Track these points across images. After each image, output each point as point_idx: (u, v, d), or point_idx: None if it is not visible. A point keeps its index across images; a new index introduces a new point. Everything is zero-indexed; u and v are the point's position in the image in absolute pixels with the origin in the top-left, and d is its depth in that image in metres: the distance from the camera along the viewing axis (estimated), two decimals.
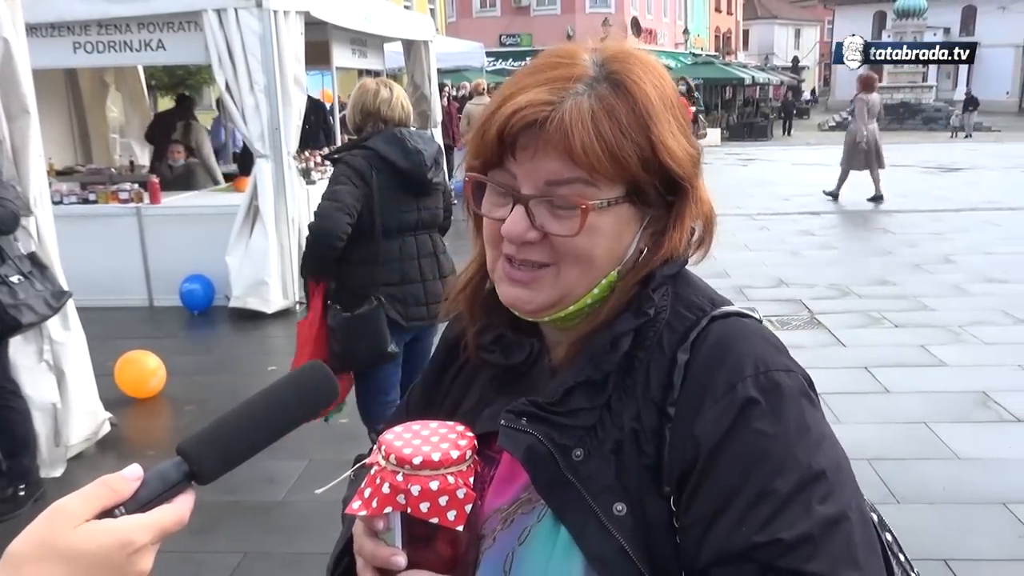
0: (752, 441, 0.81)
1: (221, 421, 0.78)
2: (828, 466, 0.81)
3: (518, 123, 0.85)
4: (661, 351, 0.88)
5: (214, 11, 6.61)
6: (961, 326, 6.46)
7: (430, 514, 0.80)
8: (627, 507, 0.83)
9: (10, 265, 3.77)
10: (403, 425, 0.87)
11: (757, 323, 0.92)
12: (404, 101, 3.44)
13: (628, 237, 0.90)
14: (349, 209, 3.25)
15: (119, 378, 5.27)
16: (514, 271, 0.90)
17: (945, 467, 4.15)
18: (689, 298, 0.92)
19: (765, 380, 0.83)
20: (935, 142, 28.13)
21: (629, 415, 0.86)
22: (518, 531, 0.89)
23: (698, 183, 0.92)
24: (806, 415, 0.83)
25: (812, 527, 0.77)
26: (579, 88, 0.86)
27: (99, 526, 0.67)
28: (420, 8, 24.21)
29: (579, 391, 0.88)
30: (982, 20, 47.57)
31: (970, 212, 12.32)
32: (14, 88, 3.92)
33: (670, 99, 0.90)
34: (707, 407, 0.83)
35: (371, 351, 3.34)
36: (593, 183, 0.85)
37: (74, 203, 7.46)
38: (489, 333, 0.99)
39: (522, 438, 0.87)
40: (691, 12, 45.73)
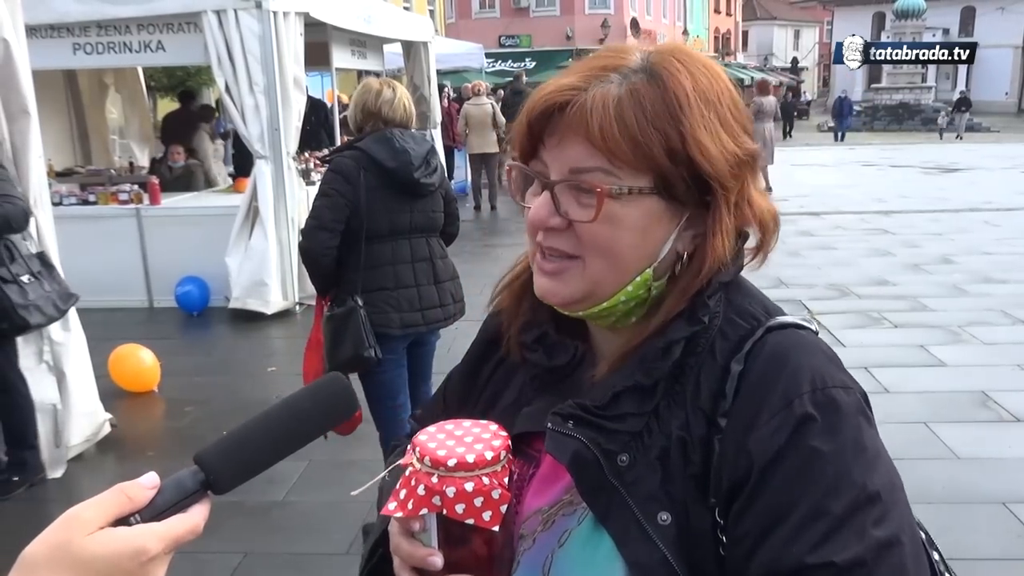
0: (807, 458, 0.79)
1: (239, 432, 0.78)
2: (883, 487, 0.79)
3: (540, 107, 0.86)
4: (713, 359, 0.86)
5: (214, 12, 6.62)
6: (960, 326, 6.47)
7: (465, 515, 0.80)
8: (672, 516, 0.82)
9: (20, 264, 3.79)
10: (436, 425, 0.87)
11: (814, 335, 0.89)
12: (407, 102, 3.42)
13: (659, 234, 0.88)
14: (329, 225, 3.27)
15: (114, 372, 5.29)
16: (545, 262, 0.90)
17: (944, 467, 4.16)
18: (743, 306, 0.90)
19: (822, 396, 0.81)
20: (934, 143, 28.16)
21: (677, 423, 0.85)
22: (558, 533, 0.89)
23: (745, 187, 0.89)
24: (863, 433, 0.82)
25: (865, 551, 0.75)
26: (613, 77, 0.85)
27: (113, 534, 0.67)
28: (419, 9, 24.21)
29: (628, 396, 0.87)
30: (981, 21, 47.58)
31: (969, 212, 12.34)
32: (14, 89, 3.92)
33: (719, 95, 0.87)
34: (763, 421, 0.81)
35: (350, 354, 3.32)
36: (614, 171, 0.84)
37: (74, 204, 7.46)
38: (532, 331, 0.98)
39: (569, 443, 0.86)
40: (690, 13, 45.75)
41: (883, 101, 37.94)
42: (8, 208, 3.63)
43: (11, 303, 3.66)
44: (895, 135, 32.62)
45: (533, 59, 31.33)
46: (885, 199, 13.98)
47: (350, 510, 3.67)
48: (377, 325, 3.33)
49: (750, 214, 0.91)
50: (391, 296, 3.37)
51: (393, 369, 3.45)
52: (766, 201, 0.92)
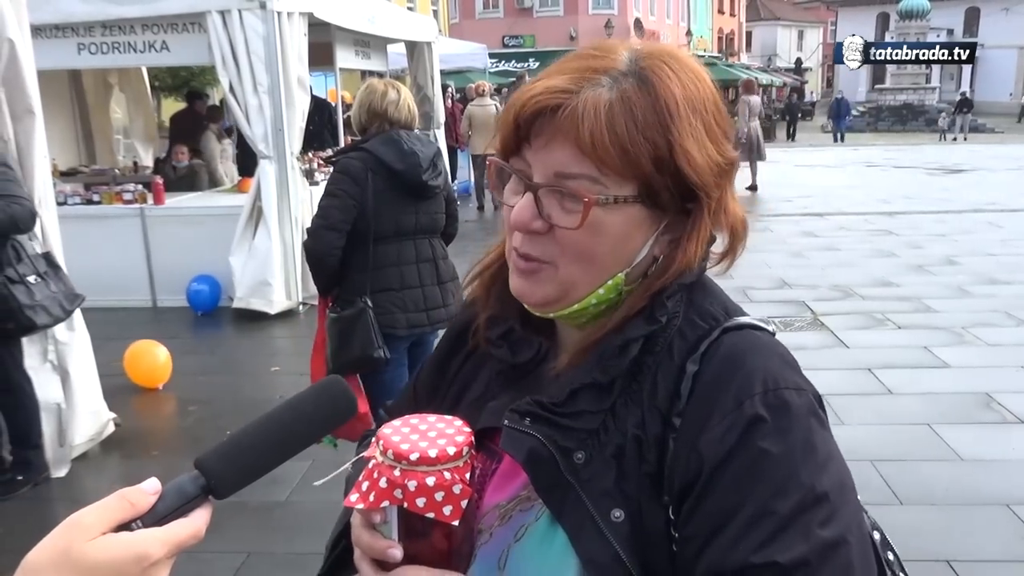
0: (756, 459, 0.79)
1: (239, 436, 0.78)
2: (831, 488, 0.79)
3: (530, 109, 0.85)
4: (670, 359, 0.87)
5: (218, 12, 6.63)
6: (964, 327, 6.46)
7: (426, 509, 0.81)
8: (625, 513, 0.83)
9: (27, 264, 3.81)
10: (401, 419, 0.88)
11: (770, 336, 0.90)
12: (411, 103, 3.43)
13: (639, 240, 0.88)
14: (337, 225, 3.27)
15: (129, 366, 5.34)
16: (520, 262, 0.90)
17: (948, 468, 4.15)
18: (703, 306, 0.90)
19: (774, 398, 0.82)
20: (937, 144, 28.11)
21: (633, 421, 0.86)
22: (515, 528, 0.89)
23: (724, 194, 0.90)
24: (813, 435, 0.82)
25: (810, 551, 0.76)
26: (603, 80, 0.85)
27: (115, 539, 0.67)
28: (423, 9, 24.22)
29: (585, 393, 0.87)
30: (985, 22, 47.50)
31: (973, 214, 12.32)
32: (19, 89, 3.93)
33: (704, 103, 0.87)
34: (714, 422, 0.82)
35: (359, 354, 3.33)
36: (601, 179, 0.84)
37: (78, 204, 7.48)
38: (499, 326, 0.99)
39: (524, 440, 0.86)
40: (694, 13, 45.72)
41: (887, 102, 37.88)
42: (15, 209, 3.64)
43: (18, 303, 3.68)
44: (899, 136, 32.55)
45: (537, 59, 31.31)
46: (889, 200, 13.96)
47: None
48: (383, 326, 3.34)
49: (724, 220, 0.91)
50: (397, 297, 3.38)
51: (395, 369, 3.46)
52: (739, 207, 0.93)
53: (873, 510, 2.77)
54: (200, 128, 9.97)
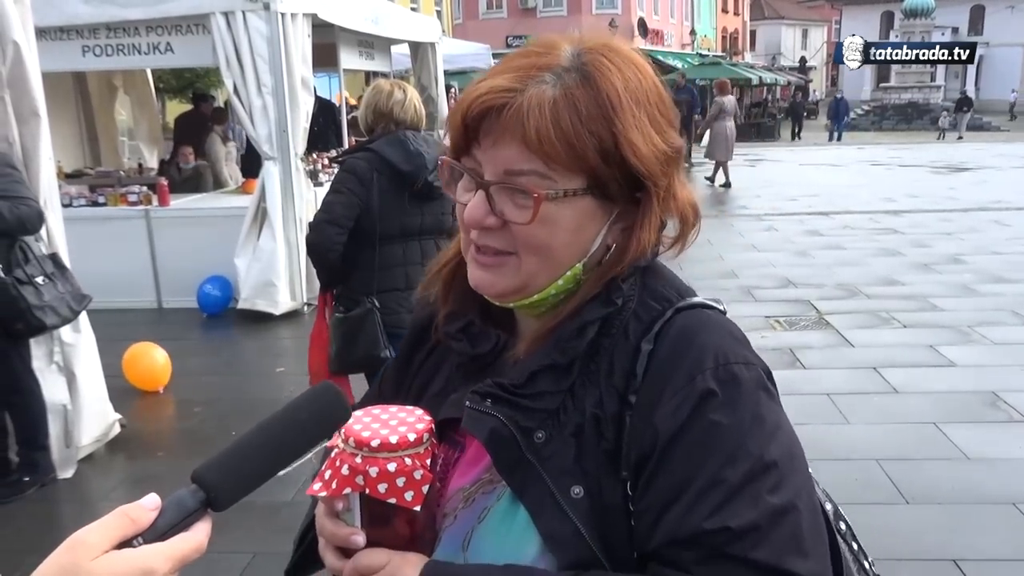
0: (707, 431, 0.83)
1: (235, 448, 0.78)
2: (780, 457, 0.83)
3: (476, 109, 0.87)
4: (626, 339, 0.90)
5: (222, 14, 6.63)
6: (970, 326, 6.44)
7: (388, 495, 0.82)
8: (584, 489, 0.86)
9: (34, 265, 3.83)
10: (364, 410, 0.90)
11: (720, 315, 0.93)
12: (417, 104, 3.43)
13: (592, 231, 0.91)
14: (340, 220, 3.28)
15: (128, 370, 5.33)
16: (480, 256, 0.92)
17: (954, 467, 4.14)
18: (657, 289, 0.94)
19: (724, 372, 0.85)
20: (943, 142, 28.04)
21: (591, 400, 0.88)
22: (478, 510, 0.91)
23: (672, 181, 0.93)
24: (762, 407, 0.85)
25: (759, 516, 0.79)
26: (546, 77, 0.87)
27: (120, 556, 0.67)
28: (426, 10, 24.23)
29: (544, 375, 0.90)
30: (990, 20, 47.38)
31: (979, 212, 12.28)
32: (24, 91, 3.94)
33: (647, 94, 0.89)
34: (667, 397, 0.85)
35: (364, 354, 3.33)
36: (549, 173, 0.86)
37: (83, 206, 7.48)
38: (458, 321, 1.00)
39: (486, 420, 0.89)
40: (698, 13, 45.68)
41: (892, 100, 37.81)
42: (23, 210, 3.66)
43: (27, 304, 3.69)
44: (904, 134, 32.48)
45: None
46: (894, 198, 13.92)
47: None
48: (389, 325, 3.34)
49: (674, 206, 0.94)
50: (403, 297, 3.38)
51: None
52: (688, 193, 0.96)
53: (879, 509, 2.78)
54: (205, 130, 9.98)
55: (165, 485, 0.75)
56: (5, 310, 3.68)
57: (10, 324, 3.72)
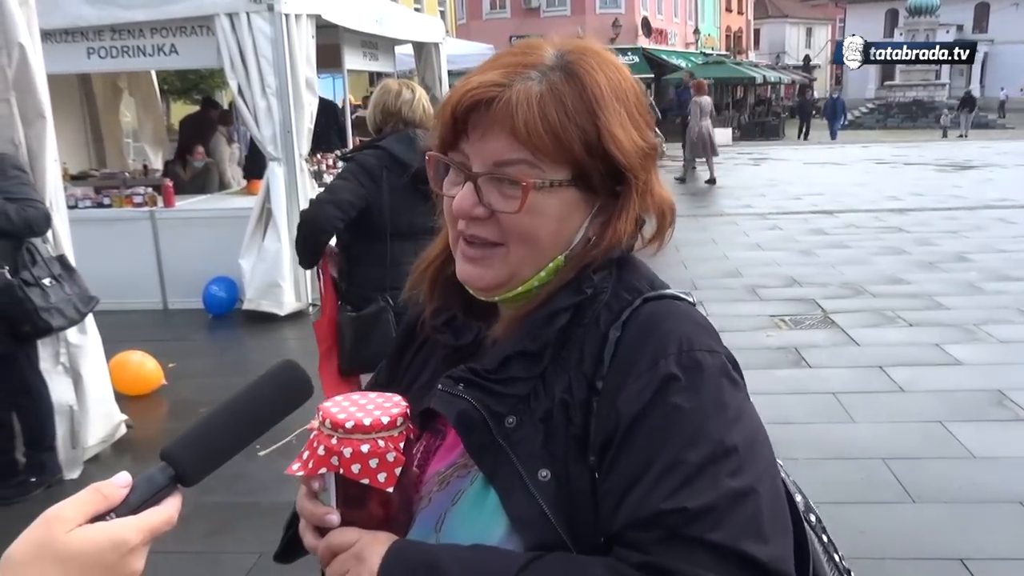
0: (668, 415, 0.85)
1: (200, 424, 0.81)
2: (741, 442, 0.84)
3: (466, 102, 0.90)
4: (597, 328, 0.93)
5: (226, 15, 6.65)
6: (976, 324, 6.42)
7: (361, 475, 0.85)
8: (551, 473, 0.87)
9: (41, 267, 3.84)
10: (345, 395, 0.93)
11: (688, 305, 0.96)
12: (426, 103, 3.42)
13: (575, 222, 0.95)
14: (342, 204, 3.25)
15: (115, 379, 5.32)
16: (469, 249, 0.96)
17: (961, 466, 4.13)
18: (630, 281, 0.96)
19: (687, 358, 0.87)
20: (947, 140, 27.97)
21: (561, 386, 0.91)
22: (453, 493, 0.94)
23: (648, 177, 0.96)
24: (724, 393, 0.87)
25: (718, 498, 0.80)
26: (532, 74, 0.91)
27: (93, 528, 0.71)
28: (430, 10, 24.25)
29: (516, 361, 0.93)
30: (995, 17, 47.28)
31: (984, 210, 12.25)
32: (30, 93, 3.95)
33: (626, 93, 0.94)
34: (631, 381, 0.87)
35: (377, 353, 3.32)
36: (537, 164, 0.90)
37: (88, 207, 7.51)
38: (442, 315, 1.04)
39: (456, 402, 0.92)
40: (702, 12, 45.62)
41: (896, 98, 37.77)
42: (30, 212, 3.67)
43: (34, 306, 3.70)
44: (909, 132, 32.40)
45: None
46: (899, 197, 13.90)
47: None
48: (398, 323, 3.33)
49: (651, 203, 0.98)
50: None
51: None
52: (664, 191, 1.00)
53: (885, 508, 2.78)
54: (209, 131, 10.01)
55: None
56: (12, 312, 3.69)
57: (17, 326, 3.73)
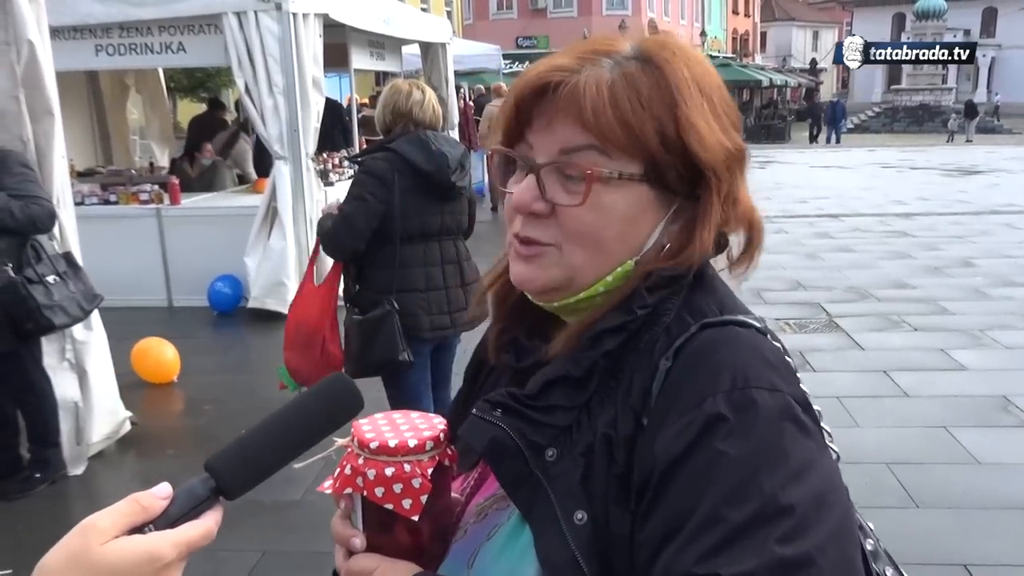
0: (711, 461, 0.72)
1: (247, 437, 0.79)
2: (801, 501, 0.70)
3: (531, 86, 0.84)
4: (650, 356, 0.81)
5: (234, 14, 6.66)
6: (981, 330, 6.41)
7: (384, 500, 0.81)
8: (587, 515, 0.78)
9: (46, 264, 3.85)
10: (385, 413, 0.89)
11: (754, 333, 0.82)
12: (435, 104, 3.40)
13: (646, 225, 0.85)
14: (360, 233, 3.28)
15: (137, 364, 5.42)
16: (522, 247, 0.87)
17: (965, 471, 4.12)
18: (698, 304, 0.84)
19: (740, 396, 0.74)
20: (952, 144, 27.90)
21: (605, 419, 0.81)
22: (489, 527, 0.87)
23: (734, 184, 0.86)
24: (785, 439, 0.73)
25: (759, 567, 0.67)
26: (604, 61, 0.83)
27: (128, 541, 0.69)
28: (437, 10, 24.27)
29: (558, 387, 0.83)
30: (1003, 21, 47.16)
31: (990, 215, 12.23)
32: (38, 90, 3.97)
33: (711, 88, 0.85)
34: (671, 420, 0.76)
35: (383, 357, 3.31)
36: (605, 152, 0.81)
37: (95, 204, 7.53)
38: (508, 335, 0.97)
39: (488, 430, 0.83)
40: (708, 14, 45.61)
41: (903, 102, 37.67)
42: (34, 209, 3.69)
43: (36, 303, 3.71)
44: (915, 136, 32.32)
45: None
46: (905, 201, 13.88)
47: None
48: (408, 328, 3.31)
49: (737, 214, 0.87)
50: (421, 298, 3.36)
51: (418, 373, 3.43)
52: (753, 204, 0.90)
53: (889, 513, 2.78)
54: (217, 131, 10.03)
55: (175, 483, 0.75)
56: (14, 309, 3.70)
57: (19, 323, 3.74)
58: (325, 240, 3.41)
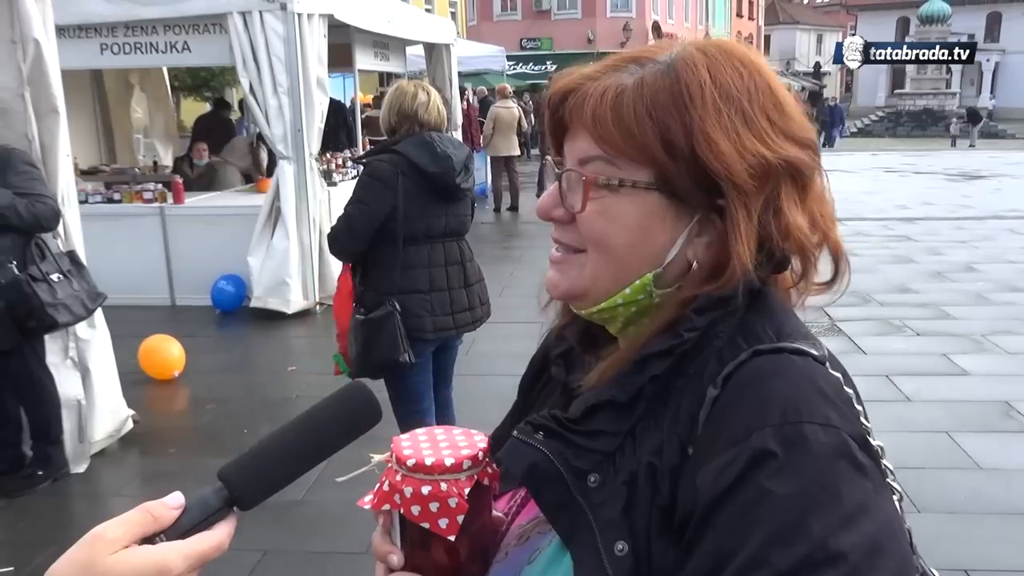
0: (757, 499, 0.68)
1: (262, 446, 0.78)
2: (855, 548, 0.65)
3: (555, 93, 0.86)
4: (699, 382, 0.77)
5: (239, 13, 6.68)
6: (983, 335, 6.41)
7: (420, 518, 0.80)
8: (629, 547, 0.74)
9: (50, 262, 3.86)
10: (426, 429, 0.87)
11: (810, 362, 0.77)
12: (440, 105, 3.40)
13: (661, 235, 0.82)
14: (362, 235, 3.31)
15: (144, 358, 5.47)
16: (554, 253, 0.89)
17: (967, 477, 4.12)
18: (753, 328, 0.79)
19: (791, 431, 0.69)
20: (958, 149, 27.88)
21: (650, 447, 0.77)
22: (530, 550, 0.86)
23: (778, 199, 0.80)
24: (839, 480, 0.68)
25: None
26: (631, 68, 0.83)
27: (137, 552, 0.68)
28: (441, 11, 24.30)
29: (603, 411, 0.80)
30: (1007, 26, 47.10)
31: (993, 220, 12.22)
32: (44, 88, 3.98)
33: (748, 93, 0.80)
34: (716, 453, 0.71)
35: (384, 358, 3.32)
36: (613, 161, 0.81)
37: (99, 202, 7.54)
38: (561, 345, 0.96)
39: (529, 453, 0.80)
40: (712, 17, 45.60)
41: (906, 107, 37.60)
42: (39, 208, 3.70)
43: (40, 302, 3.72)
44: (918, 141, 32.28)
45: (554, 62, 31.33)
46: (908, 206, 13.87)
47: (368, 511, 3.69)
48: (411, 329, 3.32)
49: (782, 232, 0.80)
50: (424, 299, 3.37)
51: (420, 373, 3.44)
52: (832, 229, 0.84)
53: None
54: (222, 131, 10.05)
55: (177, 481, 0.75)
56: (18, 307, 3.71)
57: (23, 321, 3.75)
58: (329, 241, 3.43)
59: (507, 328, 5.15)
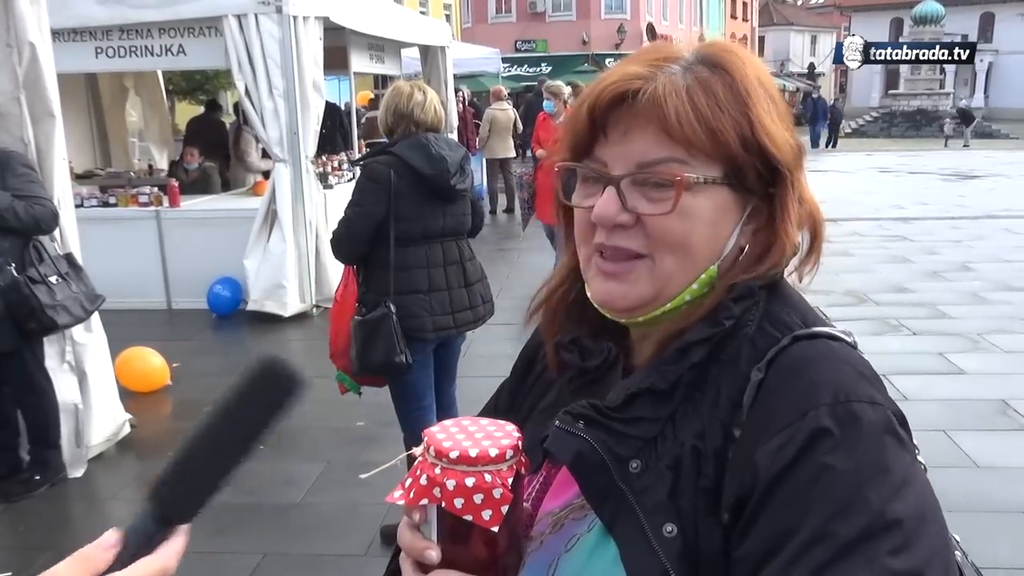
0: (817, 475, 0.71)
1: (184, 454, 0.73)
2: (908, 515, 0.70)
3: (608, 95, 0.83)
4: (736, 367, 0.81)
5: (234, 17, 6.67)
6: (980, 334, 6.42)
7: (464, 511, 0.78)
8: (678, 528, 0.77)
9: (48, 264, 3.86)
10: (455, 420, 0.86)
11: (845, 346, 0.83)
12: (437, 105, 3.41)
13: (727, 227, 0.85)
14: (359, 236, 3.33)
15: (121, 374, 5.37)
16: (606, 264, 0.86)
17: (964, 476, 4.13)
18: (778, 315, 0.85)
19: (843, 411, 0.74)
20: (953, 149, 27.97)
21: (693, 432, 0.80)
22: (567, 538, 0.86)
23: (800, 178, 0.87)
24: (888, 453, 0.73)
25: None
26: (674, 67, 0.84)
27: None
28: (435, 14, 24.30)
29: (643, 399, 0.83)
30: (1000, 27, 47.30)
31: (989, 219, 12.26)
32: (39, 92, 3.97)
33: (770, 89, 0.86)
34: (772, 433, 0.75)
35: (381, 359, 3.33)
36: (687, 161, 0.82)
37: (94, 206, 7.52)
38: (567, 336, 0.96)
39: (573, 442, 0.83)
40: (707, 18, 45.68)
41: (901, 107, 37.68)
42: (38, 210, 3.70)
43: (39, 303, 3.71)
44: (913, 141, 32.36)
45: (549, 64, 31.37)
46: (903, 205, 13.91)
47: (368, 512, 3.69)
48: (410, 329, 3.34)
49: (801, 212, 0.88)
50: (424, 300, 3.38)
51: (420, 372, 3.46)
52: (814, 199, 0.90)
53: None
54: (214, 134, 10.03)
55: None
56: (17, 309, 3.71)
57: (22, 323, 3.75)
58: (332, 245, 3.47)
59: (503, 330, 5.15)
